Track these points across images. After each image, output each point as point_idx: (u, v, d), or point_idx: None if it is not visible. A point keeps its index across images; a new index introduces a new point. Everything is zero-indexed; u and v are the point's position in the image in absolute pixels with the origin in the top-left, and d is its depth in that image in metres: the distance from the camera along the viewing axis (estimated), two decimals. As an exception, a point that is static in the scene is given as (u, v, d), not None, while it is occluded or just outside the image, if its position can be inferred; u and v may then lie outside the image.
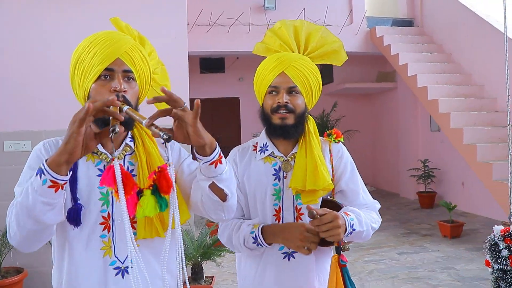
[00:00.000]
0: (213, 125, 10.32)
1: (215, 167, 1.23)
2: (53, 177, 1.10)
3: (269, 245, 1.61)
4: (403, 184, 9.49)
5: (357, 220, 1.56)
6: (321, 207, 1.62)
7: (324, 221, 1.46)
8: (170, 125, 1.20)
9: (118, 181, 1.10)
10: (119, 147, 1.37)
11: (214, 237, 4.26)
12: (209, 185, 1.27)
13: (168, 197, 1.18)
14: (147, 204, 1.11)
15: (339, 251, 1.57)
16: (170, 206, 1.19)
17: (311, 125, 1.71)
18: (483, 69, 7.16)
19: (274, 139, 1.71)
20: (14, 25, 4.11)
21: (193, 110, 1.16)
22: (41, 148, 1.33)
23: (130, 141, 1.39)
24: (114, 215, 1.31)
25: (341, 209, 1.62)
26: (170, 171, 1.15)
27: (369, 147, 11.08)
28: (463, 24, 7.58)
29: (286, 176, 1.66)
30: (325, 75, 10.55)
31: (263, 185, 1.67)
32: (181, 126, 1.17)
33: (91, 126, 1.15)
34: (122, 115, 1.15)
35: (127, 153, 1.37)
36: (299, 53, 1.73)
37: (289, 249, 1.63)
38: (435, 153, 8.44)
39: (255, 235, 1.60)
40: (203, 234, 4.17)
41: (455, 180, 7.90)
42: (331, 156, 1.72)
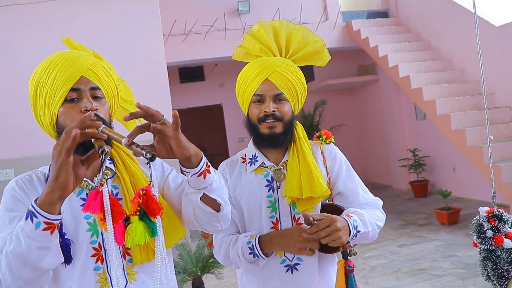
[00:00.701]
0: (198, 134, 10.21)
1: (204, 177, 1.16)
2: (47, 218, 1.00)
3: (266, 255, 1.55)
4: (394, 175, 9.47)
5: (360, 221, 1.51)
6: (321, 212, 1.57)
7: (321, 226, 1.42)
8: (150, 140, 1.11)
9: (106, 209, 1.01)
10: (99, 172, 1.26)
11: (212, 249, 4.15)
12: (201, 197, 1.19)
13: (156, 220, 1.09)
14: (135, 231, 1.02)
15: (346, 256, 1.50)
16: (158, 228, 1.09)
17: (300, 131, 1.66)
18: (462, 53, 7.17)
19: (263, 148, 1.65)
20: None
21: (172, 121, 1.07)
22: (15, 186, 1.21)
23: (109, 163, 1.30)
24: (105, 245, 1.21)
25: (342, 212, 1.57)
26: (154, 192, 1.05)
27: (356, 141, 11.06)
28: (438, 10, 7.58)
29: (279, 186, 1.60)
30: (306, 74, 10.40)
31: (257, 198, 1.60)
32: (162, 140, 1.09)
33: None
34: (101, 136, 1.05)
35: (108, 177, 1.28)
36: (281, 57, 1.66)
37: (291, 261, 1.58)
38: (424, 141, 8.43)
39: (252, 245, 1.53)
40: (200, 247, 4.06)
41: (446, 166, 7.89)
42: (324, 158, 1.67)
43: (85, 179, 1.23)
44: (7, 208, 1.19)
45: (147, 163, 1.02)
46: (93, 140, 1.04)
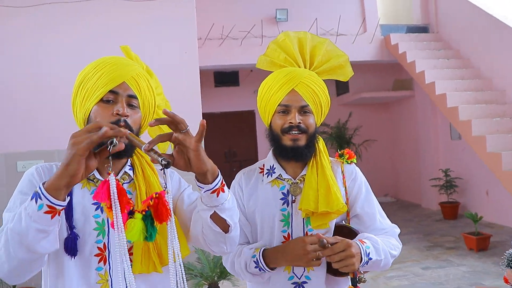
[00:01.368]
0: (229, 139, 10.24)
1: (217, 195, 1.16)
2: (50, 202, 1.01)
3: (272, 269, 1.52)
4: (424, 194, 9.23)
5: (373, 248, 1.47)
6: (334, 233, 1.55)
7: (335, 250, 1.38)
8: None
9: (113, 197, 1.02)
10: (117, 175, 1.28)
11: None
12: (211, 215, 1.19)
13: (159, 227, 1.07)
14: (133, 227, 1.01)
15: (355, 282, 1.47)
16: (169, 237, 1.09)
17: (321, 145, 1.64)
18: (504, 74, 6.93)
19: (282, 160, 1.62)
20: (25, 46, 4.09)
21: (198, 131, 1.08)
22: (34, 172, 1.25)
23: (129, 169, 1.32)
24: (110, 246, 1.23)
25: (357, 235, 1.53)
26: (168, 198, 1.05)
27: (388, 157, 10.84)
28: (481, 27, 7.36)
29: (295, 200, 1.57)
30: (341, 85, 10.41)
31: (271, 210, 1.57)
32: (182, 152, 1.10)
33: None
34: (122, 141, 1.09)
35: (125, 182, 1.30)
36: (305, 68, 1.65)
37: (300, 278, 1.55)
38: (457, 162, 8.19)
39: (256, 259, 1.51)
40: (219, 253, 4.04)
41: (479, 189, 7.62)
42: (344, 178, 1.63)
43: (101, 178, 1.26)
44: (21, 191, 1.22)
45: (161, 169, 1.03)
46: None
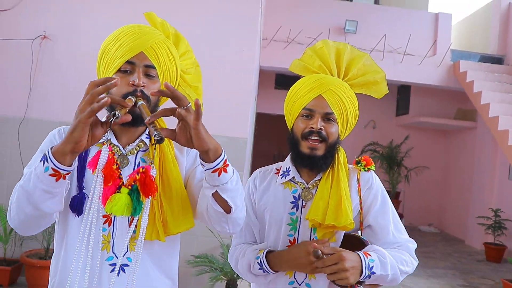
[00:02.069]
0: (280, 141, 10.25)
1: (219, 175, 1.16)
2: (55, 166, 1.06)
3: (276, 271, 1.50)
4: (470, 231, 8.81)
5: (379, 262, 1.40)
6: (342, 242, 1.51)
7: (327, 263, 1.35)
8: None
9: (98, 167, 1.08)
10: (134, 142, 1.33)
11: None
12: (213, 194, 1.19)
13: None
14: (117, 201, 1.05)
15: None
16: (144, 210, 1.14)
17: (342, 157, 1.58)
18: None
19: (298, 165, 1.59)
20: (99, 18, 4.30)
21: (194, 110, 1.09)
22: (56, 133, 1.33)
23: (146, 137, 1.35)
24: None
25: (365, 246, 1.47)
26: (152, 173, 1.10)
27: (437, 186, 10.45)
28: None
29: (305, 205, 1.54)
30: (401, 106, 10.17)
31: (279, 212, 1.55)
32: (184, 128, 1.12)
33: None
34: (135, 110, 1.15)
35: (140, 149, 1.32)
36: (339, 78, 1.62)
37: (300, 285, 1.51)
38: (510, 204, 7.76)
39: (260, 261, 1.49)
40: (244, 250, 4.08)
41: (530, 236, 7.19)
42: (359, 186, 1.57)
43: (117, 144, 1.30)
44: (42, 149, 1.30)
45: (153, 144, 1.09)
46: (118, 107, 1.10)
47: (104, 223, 1.25)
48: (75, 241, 1.22)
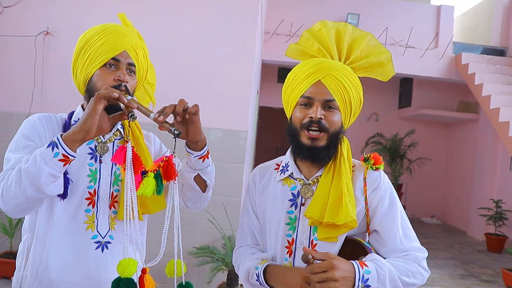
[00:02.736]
0: (283, 135, 10.14)
1: (203, 161, 1.39)
2: (66, 151, 1.18)
3: (271, 287, 1.40)
4: (472, 222, 8.86)
5: (376, 274, 1.26)
6: (342, 246, 1.38)
7: (315, 270, 1.22)
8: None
9: (128, 161, 1.23)
10: (111, 131, 1.47)
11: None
12: (194, 177, 1.41)
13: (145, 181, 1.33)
14: (148, 184, 1.21)
15: None
16: (169, 192, 1.27)
17: (345, 148, 1.45)
18: None
19: (298, 159, 1.47)
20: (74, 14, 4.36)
21: (193, 106, 1.27)
22: (36, 120, 1.42)
23: (120, 127, 1.51)
24: (99, 192, 1.41)
25: (367, 254, 1.34)
26: (175, 161, 1.26)
27: (440, 177, 10.49)
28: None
29: (304, 203, 1.42)
30: (404, 99, 10.19)
31: (277, 211, 1.44)
32: (180, 122, 1.27)
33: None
34: (117, 103, 1.27)
35: (116, 138, 1.49)
36: (340, 61, 1.47)
37: None
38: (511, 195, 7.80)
39: (258, 273, 1.40)
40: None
41: (531, 227, 7.23)
42: (365, 185, 1.42)
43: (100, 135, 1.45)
44: (24, 135, 1.37)
45: (174, 137, 1.21)
46: (123, 106, 1.24)
47: (88, 205, 1.38)
48: (61, 223, 1.35)
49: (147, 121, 1.33)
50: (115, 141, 1.48)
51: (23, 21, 4.24)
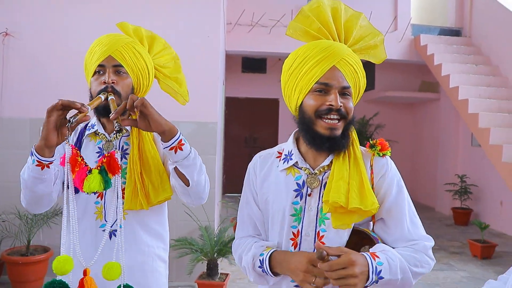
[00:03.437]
0: (251, 124, 10.40)
1: (175, 152, 1.42)
2: (38, 158, 1.35)
3: (275, 275, 1.35)
4: (439, 198, 9.20)
5: (388, 265, 1.22)
6: (349, 238, 1.33)
7: (334, 267, 1.16)
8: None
9: (66, 161, 1.28)
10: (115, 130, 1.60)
11: (232, 235, 4.31)
12: (174, 169, 1.47)
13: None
14: (92, 180, 1.26)
15: None
16: (114, 190, 1.36)
17: (354, 134, 1.40)
18: (531, 85, 6.84)
19: (313, 149, 1.36)
20: (53, 16, 4.28)
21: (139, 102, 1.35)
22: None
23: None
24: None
25: (373, 245, 1.30)
26: (117, 156, 1.32)
27: (408, 158, 10.80)
28: (514, 36, 7.26)
29: (310, 193, 1.35)
30: (367, 82, 10.28)
31: (281, 202, 1.38)
32: (142, 116, 1.36)
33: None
34: (104, 103, 1.46)
35: (123, 135, 1.62)
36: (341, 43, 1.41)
37: None
38: (474, 169, 8.13)
39: (262, 259, 1.34)
40: (222, 231, 4.23)
41: (494, 198, 7.57)
42: (372, 173, 1.36)
43: (104, 133, 1.61)
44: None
45: (114, 133, 1.34)
46: (90, 108, 1.34)
47: (97, 198, 1.56)
48: (77, 215, 1.44)
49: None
50: (122, 138, 1.62)
51: (-20, 23, 4.13)
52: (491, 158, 6.23)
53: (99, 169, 1.27)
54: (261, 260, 1.34)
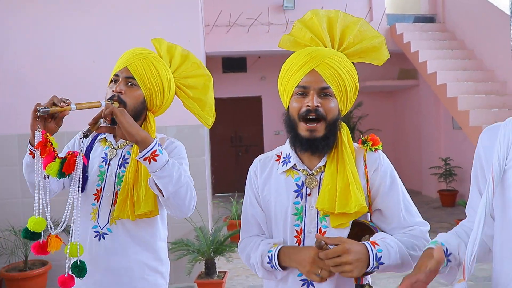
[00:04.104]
0: (236, 124, 10.45)
1: (149, 163, 1.45)
2: (29, 147, 1.47)
3: (284, 269, 1.41)
4: (425, 182, 9.41)
5: (387, 251, 1.30)
6: (351, 230, 1.40)
7: (330, 255, 1.26)
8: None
9: (36, 145, 1.40)
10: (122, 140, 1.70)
11: (227, 233, 4.40)
12: (152, 179, 1.51)
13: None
14: (52, 167, 1.36)
15: None
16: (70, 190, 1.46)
17: (345, 134, 1.46)
18: (506, 65, 7.02)
19: (297, 150, 1.47)
20: (40, 31, 4.30)
21: (107, 111, 1.44)
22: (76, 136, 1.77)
23: None
24: (104, 190, 1.64)
25: (374, 234, 1.38)
26: (78, 159, 1.40)
27: (391, 145, 10.97)
28: (486, 18, 7.43)
29: (310, 193, 1.43)
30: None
31: (283, 203, 1.45)
32: (119, 125, 1.45)
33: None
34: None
35: (128, 145, 1.70)
36: (333, 49, 1.49)
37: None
38: (457, 152, 8.33)
39: (271, 255, 1.41)
40: (217, 230, 4.30)
41: (477, 178, 7.74)
42: (365, 168, 1.44)
43: (111, 140, 1.71)
44: (68, 146, 1.81)
45: (80, 138, 1.44)
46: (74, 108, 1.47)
47: (94, 200, 1.66)
48: (77, 211, 1.54)
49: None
50: (125, 147, 1.71)
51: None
52: (472, 139, 6.40)
53: (61, 160, 1.38)
54: (269, 256, 1.41)
